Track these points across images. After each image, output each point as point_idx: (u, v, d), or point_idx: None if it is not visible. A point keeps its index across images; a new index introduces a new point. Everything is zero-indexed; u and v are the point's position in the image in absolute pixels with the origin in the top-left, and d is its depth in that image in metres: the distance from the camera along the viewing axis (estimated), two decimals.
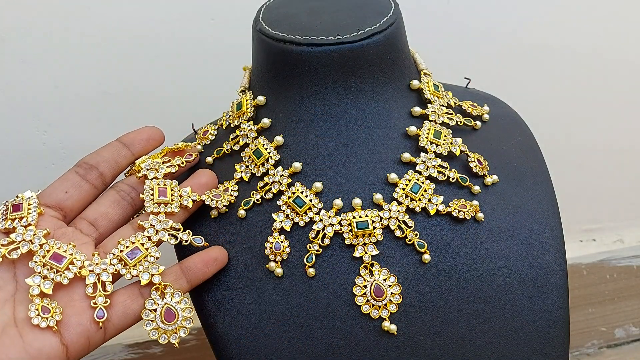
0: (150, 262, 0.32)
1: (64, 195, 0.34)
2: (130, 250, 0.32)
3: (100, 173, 0.36)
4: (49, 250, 0.31)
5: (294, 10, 0.37)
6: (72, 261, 0.31)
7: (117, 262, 0.32)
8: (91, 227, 0.35)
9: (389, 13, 0.36)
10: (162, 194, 0.34)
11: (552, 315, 0.33)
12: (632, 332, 0.68)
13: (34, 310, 0.29)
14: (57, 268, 0.31)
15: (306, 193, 0.34)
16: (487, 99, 0.43)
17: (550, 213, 0.36)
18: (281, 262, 0.33)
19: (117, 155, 0.36)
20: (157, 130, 0.38)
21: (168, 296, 0.32)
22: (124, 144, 0.37)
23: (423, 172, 0.35)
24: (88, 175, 0.35)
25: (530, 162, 0.38)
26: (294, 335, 0.32)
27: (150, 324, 0.32)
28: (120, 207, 0.36)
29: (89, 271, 0.31)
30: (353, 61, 0.34)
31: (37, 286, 0.30)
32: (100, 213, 0.35)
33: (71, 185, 0.35)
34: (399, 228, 0.33)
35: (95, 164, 0.36)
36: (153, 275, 0.32)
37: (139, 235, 0.33)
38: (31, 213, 0.33)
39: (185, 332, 0.32)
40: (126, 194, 0.36)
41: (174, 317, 0.32)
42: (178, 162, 0.37)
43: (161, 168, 0.36)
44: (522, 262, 0.33)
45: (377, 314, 0.32)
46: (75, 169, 0.36)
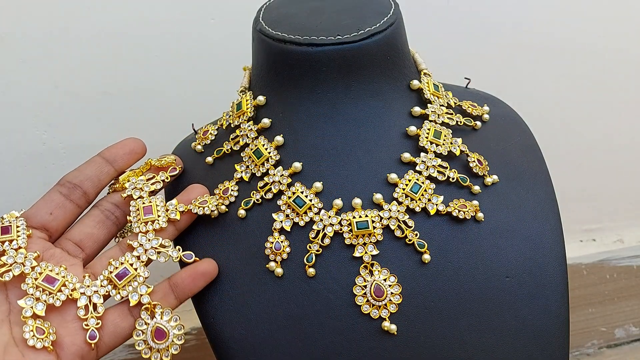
0: (139, 282, 0.33)
1: (49, 217, 0.35)
2: (119, 271, 0.33)
3: (84, 192, 0.36)
4: (41, 272, 0.32)
5: (294, 10, 0.37)
6: (64, 283, 0.32)
7: (107, 284, 0.33)
8: (77, 248, 0.35)
9: (389, 13, 0.36)
10: (147, 212, 0.35)
11: (552, 315, 0.33)
12: (632, 332, 0.68)
13: (29, 331, 0.30)
14: (50, 290, 0.31)
15: (306, 193, 0.34)
16: (487, 99, 0.43)
17: (550, 213, 0.36)
18: (281, 262, 0.33)
19: (100, 173, 0.36)
20: (139, 142, 0.37)
21: (158, 315, 0.33)
22: (107, 160, 0.36)
23: (423, 172, 0.35)
24: (72, 195, 0.35)
25: (530, 162, 0.38)
26: (294, 335, 0.32)
27: (141, 344, 0.32)
28: (105, 227, 0.36)
29: (81, 293, 0.32)
30: (353, 61, 0.34)
31: (30, 308, 0.31)
32: (85, 234, 0.35)
33: (55, 207, 0.35)
34: (399, 228, 0.33)
35: (78, 183, 0.35)
36: (142, 295, 0.33)
37: (128, 256, 0.34)
38: (20, 236, 0.33)
39: (177, 350, 0.33)
40: (110, 213, 0.36)
41: (164, 335, 0.32)
42: (162, 178, 0.37)
43: (145, 186, 0.36)
44: (522, 262, 0.33)
45: (377, 314, 0.32)
46: (59, 188, 0.35)
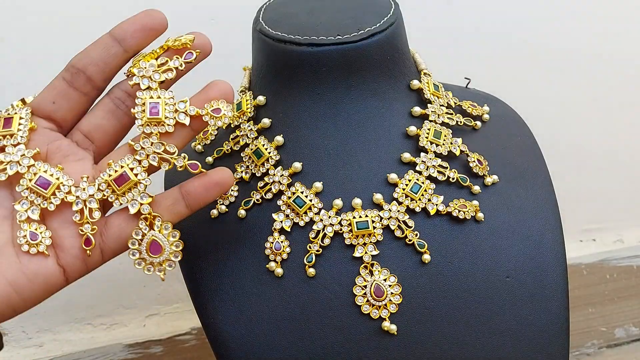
0: (140, 190, 0.30)
1: (52, 106, 0.31)
2: (118, 175, 0.30)
3: (88, 77, 0.31)
4: (35, 173, 0.30)
5: (294, 10, 0.37)
6: (58, 186, 0.30)
7: (105, 188, 0.30)
8: (86, 140, 0.32)
9: (389, 13, 0.36)
10: (153, 110, 0.30)
11: (552, 315, 0.33)
12: (632, 332, 0.68)
13: (22, 237, 0.29)
14: (43, 194, 0.30)
15: (306, 193, 0.34)
16: (487, 98, 0.43)
17: (550, 213, 0.36)
18: (281, 262, 0.33)
19: (107, 55, 0.31)
20: (156, 15, 0.31)
21: (156, 228, 0.31)
22: (115, 38, 0.31)
23: (423, 172, 0.35)
24: (75, 81, 0.31)
25: (530, 162, 0.38)
26: (294, 335, 0.32)
27: (136, 253, 0.31)
28: (116, 118, 0.32)
29: (76, 197, 0.30)
30: (353, 61, 0.34)
31: (24, 212, 0.30)
32: (94, 125, 0.32)
33: (58, 94, 0.31)
34: (399, 228, 0.33)
35: (82, 68, 0.31)
36: (142, 204, 0.30)
37: (128, 159, 0.31)
38: (21, 129, 0.31)
39: (172, 266, 0.31)
40: (121, 102, 0.32)
41: (160, 249, 0.31)
42: (175, 65, 0.32)
43: (156, 74, 0.31)
44: (522, 262, 0.33)
45: (377, 314, 0.32)
46: (63, 74, 0.31)
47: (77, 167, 0.31)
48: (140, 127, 0.30)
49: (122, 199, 0.30)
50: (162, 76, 0.31)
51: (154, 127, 0.30)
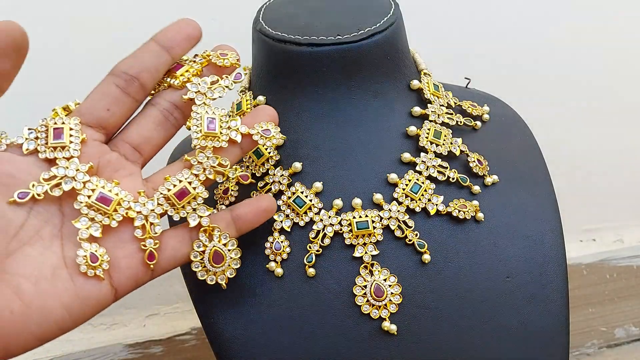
0: (199, 203, 0.31)
1: (106, 113, 0.30)
2: (178, 189, 0.30)
3: (142, 85, 0.31)
4: (93, 189, 0.29)
5: (294, 10, 0.37)
6: (119, 202, 0.29)
7: (164, 202, 0.30)
8: (135, 153, 0.32)
9: (389, 13, 0.36)
10: (211, 126, 0.31)
11: (552, 315, 0.33)
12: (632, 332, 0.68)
13: (82, 257, 0.28)
14: (105, 210, 0.29)
15: (306, 193, 0.34)
16: (487, 98, 0.43)
17: (551, 213, 0.36)
18: (281, 262, 0.33)
19: (157, 62, 0.31)
20: (195, 25, 0.32)
21: (216, 238, 0.31)
22: (164, 47, 0.31)
23: (423, 172, 0.35)
24: (129, 88, 0.31)
25: (531, 162, 0.38)
26: (294, 335, 0.32)
27: (198, 265, 0.31)
28: (164, 130, 0.32)
29: (137, 212, 0.30)
30: (353, 61, 0.34)
31: (85, 229, 0.28)
32: (144, 138, 0.32)
33: (112, 102, 0.30)
34: (399, 228, 0.33)
35: (136, 75, 0.31)
36: (202, 217, 0.31)
37: (186, 173, 0.31)
38: (73, 141, 0.29)
39: (232, 274, 0.32)
40: (169, 114, 0.32)
41: (222, 259, 0.31)
42: (226, 84, 0.32)
43: (209, 92, 0.32)
44: (522, 262, 0.33)
45: (377, 314, 0.32)
46: (115, 80, 0.31)
47: (128, 182, 0.31)
48: (196, 139, 0.31)
49: (181, 212, 0.31)
50: (216, 94, 0.32)
51: (209, 141, 0.31)
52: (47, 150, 0.29)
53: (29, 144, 0.29)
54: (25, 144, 0.29)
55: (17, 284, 0.26)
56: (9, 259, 0.26)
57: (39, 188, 0.28)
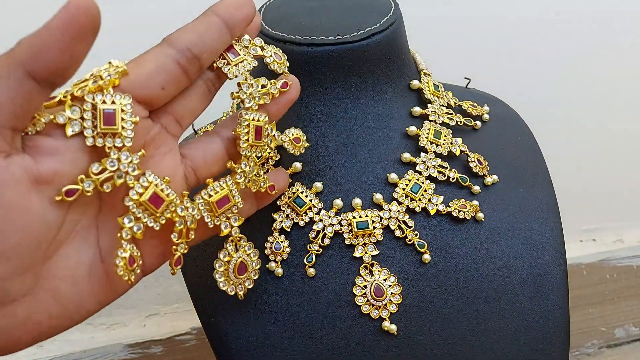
0: (234, 212, 0.30)
1: (161, 92, 0.27)
2: (220, 197, 0.29)
3: (202, 65, 0.28)
4: (147, 187, 0.27)
5: (294, 10, 0.37)
6: (168, 205, 0.27)
7: (203, 207, 0.29)
8: (177, 125, 0.29)
9: (389, 13, 0.36)
10: (258, 136, 0.30)
11: (552, 315, 0.33)
12: (632, 332, 0.68)
13: (122, 258, 0.26)
14: (153, 211, 0.27)
15: (306, 193, 0.34)
16: (487, 98, 0.43)
17: (550, 213, 0.36)
18: (281, 262, 0.33)
19: (220, 42, 0.28)
20: (253, 5, 0.29)
21: (241, 249, 0.31)
22: (227, 25, 0.28)
23: (423, 172, 0.35)
24: (190, 67, 0.28)
25: (530, 162, 0.38)
26: (293, 335, 0.32)
27: (221, 275, 0.30)
28: (206, 101, 0.30)
29: (180, 217, 0.28)
30: (353, 61, 0.34)
31: (128, 229, 0.26)
32: (188, 109, 0.29)
33: (170, 79, 0.27)
34: (399, 228, 0.33)
35: (198, 54, 0.28)
36: (233, 227, 0.30)
37: (229, 181, 0.30)
38: (126, 127, 0.26)
39: (251, 284, 0.31)
40: (212, 85, 0.30)
41: (245, 270, 0.31)
42: (273, 91, 0.30)
43: (257, 96, 0.30)
44: (522, 262, 0.33)
45: (377, 314, 0.32)
46: (177, 55, 0.27)
47: (168, 162, 0.28)
48: (243, 150, 0.30)
49: (215, 219, 0.30)
50: (263, 99, 0.30)
51: (254, 150, 0.30)
52: (96, 136, 0.25)
53: (73, 125, 0.25)
54: (69, 127, 0.25)
55: (55, 287, 0.25)
56: (46, 262, 0.25)
57: (87, 184, 0.25)
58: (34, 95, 0.22)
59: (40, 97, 0.23)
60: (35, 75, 0.22)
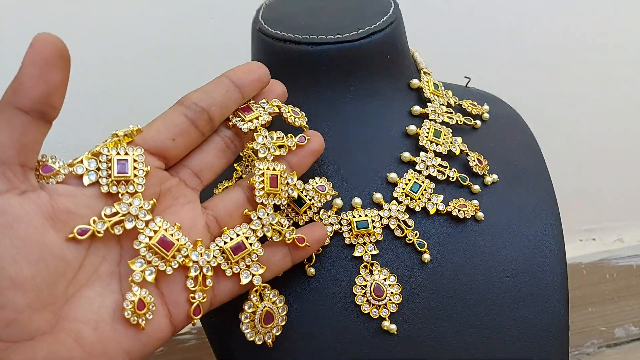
0: (253, 260, 0.30)
1: (171, 143, 0.29)
2: (235, 243, 0.30)
3: (210, 118, 0.30)
4: (156, 231, 0.28)
5: (294, 9, 0.37)
6: (179, 248, 0.28)
7: (219, 254, 0.29)
8: (196, 179, 0.31)
9: (389, 12, 0.36)
10: (273, 184, 0.30)
11: (551, 314, 0.33)
12: (632, 331, 0.68)
13: (130, 301, 0.26)
14: (164, 254, 0.28)
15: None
16: (487, 98, 0.43)
17: (550, 212, 0.36)
18: None
19: (229, 99, 0.31)
20: (265, 69, 0.32)
21: (266, 298, 0.31)
22: (236, 85, 0.31)
23: (423, 171, 0.35)
24: (198, 120, 0.30)
25: (530, 162, 0.38)
26: (293, 335, 0.32)
27: (248, 327, 0.30)
28: (225, 157, 0.32)
29: (193, 262, 0.29)
30: (353, 60, 0.34)
31: (139, 272, 0.27)
32: (206, 164, 0.31)
33: (179, 132, 0.29)
34: (399, 227, 0.33)
35: (206, 107, 0.30)
36: (254, 275, 0.30)
37: (244, 228, 0.30)
38: (138, 175, 0.28)
39: (279, 331, 0.31)
40: (230, 142, 0.32)
41: (272, 319, 0.31)
42: (290, 144, 0.32)
43: (272, 147, 0.31)
44: (522, 261, 0.33)
45: (377, 314, 0.32)
46: (183, 110, 0.29)
47: (188, 212, 0.30)
48: (259, 197, 0.30)
49: (234, 267, 0.30)
50: (279, 151, 0.31)
51: (270, 198, 0.31)
52: (110, 183, 0.27)
53: (89, 175, 0.27)
54: (86, 177, 0.27)
55: (77, 330, 0.25)
56: (67, 303, 0.25)
57: (100, 225, 0.26)
58: (30, 127, 0.24)
59: (36, 128, 0.24)
60: (22, 108, 0.24)
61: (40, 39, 0.24)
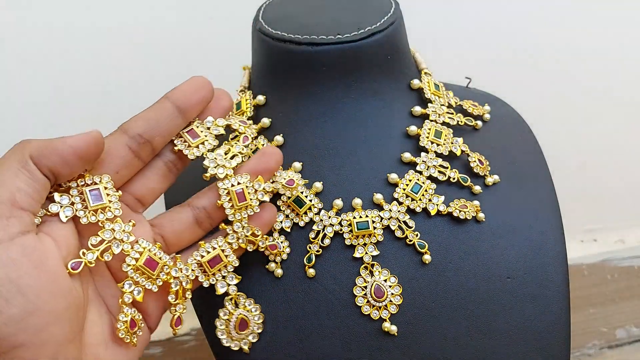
0: (229, 271, 0.32)
1: (115, 175, 0.30)
2: (211, 257, 0.31)
3: (153, 148, 0.31)
4: (141, 252, 0.29)
5: (294, 10, 0.37)
6: (162, 267, 0.30)
7: (196, 268, 0.31)
8: (138, 203, 0.32)
9: (390, 12, 0.36)
10: (241, 199, 0.31)
11: (553, 315, 0.33)
12: (634, 332, 0.68)
13: (123, 322, 0.28)
14: (149, 274, 0.29)
15: (306, 193, 0.34)
16: (487, 98, 0.43)
17: (551, 213, 0.35)
18: (281, 263, 0.33)
19: (172, 126, 0.31)
20: (210, 87, 0.32)
21: (241, 305, 0.32)
22: (179, 109, 0.31)
23: (424, 172, 0.34)
24: (141, 151, 0.30)
25: (531, 162, 0.38)
26: (293, 336, 0.32)
27: (223, 333, 0.32)
28: (167, 181, 0.32)
29: (174, 278, 0.30)
30: (353, 60, 0.34)
31: (129, 293, 0.29)
32: (148, 189, 0.32)
33: (123, 165, 0.30)
34: (400, 228, 0.33)
35: (149, 139, 0.30)
36: (229, 285, 0.32)
37: (220, 241, 0.32)
38: (112, 200, 0.29)
39: (255, 338, 0.32)
40: (173, 165, 0.32)
41: (247, 325, 0.32)
42: (238, 150, 0.33)
43: (227, 162, 0.32)
44: (523, 262, 0.33)
45: (377, 315, 0.32)
46: (128, 141, 0.30)
47: (142, 234, 0.31)
48: (231, 216, 0.31)
49: (211, 279, 0.31)
50: (233, 162, 0.32)
51: (243, 211, 0.31)
52: (89, 215, 0.28)
53: (65, 211, 0.28)
54: (61, 213, 0.28)
55: (96, 353, 0.28)
56: (83, 330, 0.27)
57: (89, 255, 0.28)
58: (43, 185, 0.27)
59: (46, 187, 0.27)
60: (41, 169, 0.26)
61: (95, 137, 0.27)
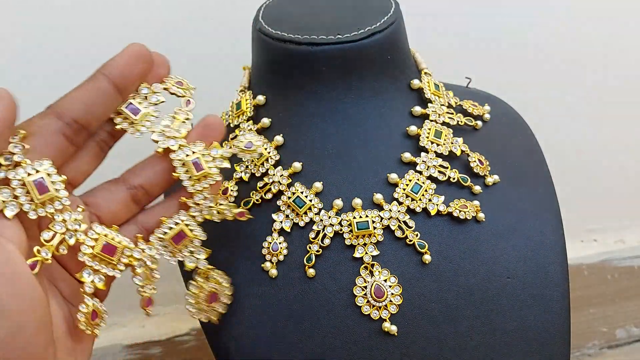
0: (196, 246, 0.30)
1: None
2: (174, 233, 0.30)
3: (89, 133, 0.29)
4: (97, 239, 0.28)
5: (294, 10, 0.37)
6: (122, 250, 0.28)
7: (161, 246, 0.30)
8: (69, 186, 0.30)
9: (389, 12, 0.35)
10: (198, 168, 0.30)
11: (553, 315, 0.33)
12: (634, 332, 0.68)
13: (84, 313, 0.27)
14: (109, 260, 0.28)
15: (306, 193, 0.34)
16: (488, 98, 0.43)
17: (551, 213, 0.35)
18: (280, 263, 0.33)
19: (110, 107, 0.29)
20: (149, 57, 0.30)
21: (212, 279, 0.31)
22: (117, 86, 0.29)
23: (424, 172, 0.34)
24: (76, 137, 0.29)
25: (531, 162, 0.38)
26: (293, 336, 0.32)
27: (192, 306, 0.31)
28: (99, 160, 0.31)
29: (137, 259, 0.29)
30: (353, 60, 0.34)
31: (90, 283, 0.27)
32: (79, 171, 0.30)
33: (57, 154, 0.28)
34: (400, 228, 0.33)
35: (85, 124, 0.28)
36: (199, 260, 0.31)
37: (183, 216, 0.30)
38: (59, 188, 0.27)
39: (224, 309, 0.32)
40: (105, 144, 0.31)
41: (216, 298, 0.31)
42: (184, 117, 0.31)
43: (177, 132, 0.30)
44: (523, 262, 0.33)
45: (377, 315, 0.32)
46: (62, 128, 0.28)
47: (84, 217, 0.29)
48: (191, 188, 0.30)
49: (178, 255, 0.30)
50: (183, 131, 0.30)
51: (202, 182, 0.30)
52: (37, 208, 0.26)
53: (10, 207, 0.25)
54: (7, 210, 0.25)
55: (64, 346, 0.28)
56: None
57: (44, 252, 0.26)
58: None
59: None
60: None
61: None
